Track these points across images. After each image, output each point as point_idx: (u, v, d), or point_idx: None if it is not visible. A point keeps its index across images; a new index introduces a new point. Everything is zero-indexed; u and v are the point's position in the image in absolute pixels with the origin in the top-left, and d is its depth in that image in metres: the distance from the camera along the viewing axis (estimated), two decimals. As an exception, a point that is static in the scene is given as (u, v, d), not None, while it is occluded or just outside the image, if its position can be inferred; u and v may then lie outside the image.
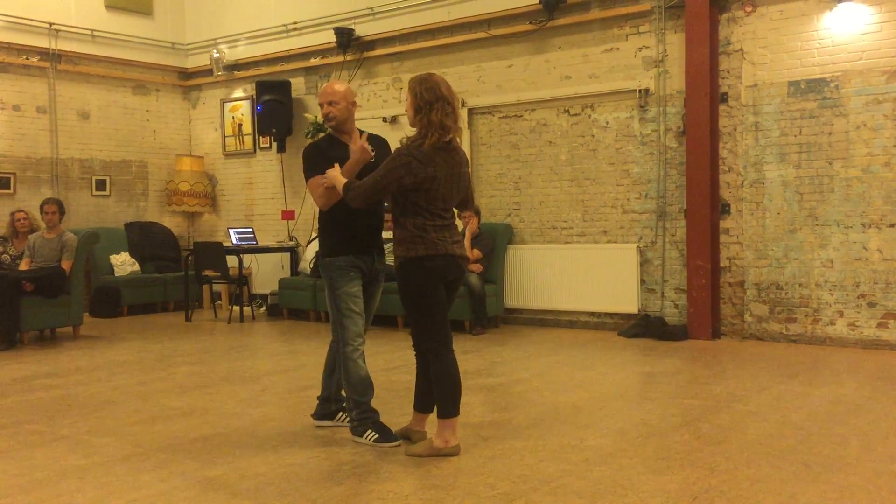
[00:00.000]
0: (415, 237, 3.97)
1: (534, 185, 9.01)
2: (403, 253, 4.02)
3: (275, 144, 11.10)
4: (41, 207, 8.52)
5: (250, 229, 10.68)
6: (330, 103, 4.40)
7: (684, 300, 7.96)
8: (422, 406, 4.29)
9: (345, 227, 4.33)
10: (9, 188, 10.27)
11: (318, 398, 4.75)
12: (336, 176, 4.15)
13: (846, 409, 4.95)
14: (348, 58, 10.31)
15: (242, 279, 10.08)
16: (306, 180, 4.41)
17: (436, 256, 3.97)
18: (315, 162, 4.36)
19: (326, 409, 4.70)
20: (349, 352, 4.32)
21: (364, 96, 10.27)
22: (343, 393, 4.51)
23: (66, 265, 8.26)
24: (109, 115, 11.36)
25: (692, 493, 3.49)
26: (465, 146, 9.20)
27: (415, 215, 3.99)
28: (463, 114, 9.26)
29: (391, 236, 4.14)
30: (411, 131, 4.10)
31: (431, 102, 3.94)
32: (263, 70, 11.26)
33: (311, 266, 9.78)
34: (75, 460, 4.13)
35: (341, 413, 4.66)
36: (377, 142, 4.51)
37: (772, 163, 7.56)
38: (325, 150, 4.39)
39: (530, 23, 8.86)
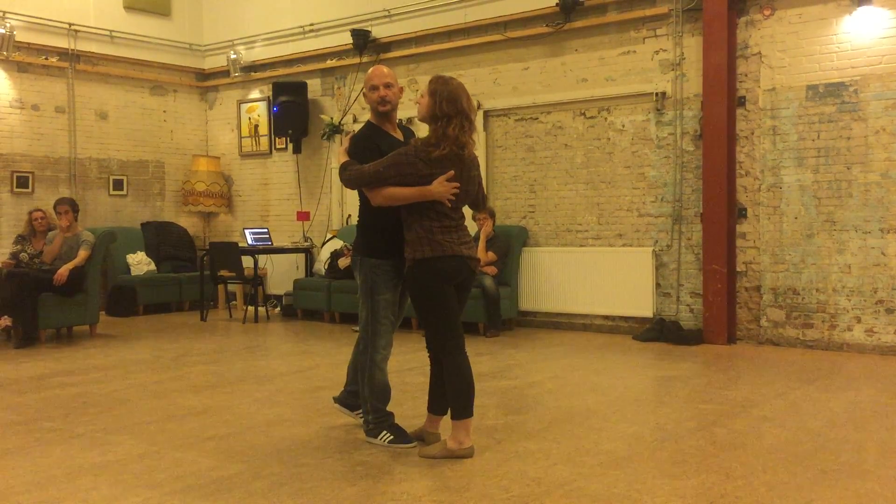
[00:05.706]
0: (421, 239, 3.98)
1: (549, 188, 8.99)
2: (411, 255, 4.03)
3: (290, 145, 11.13)
4: (54, 207, 8.48)
5: (265, 230, 10.72)
6: (387, 85, 4.18)
7: (700, 304, 7.91)
8: (436, 408, 4.30)
9: (394, 228, 4.11)
10: (27, 187, 10.36)
11: (345, 387, 4.68)
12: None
13: (864, 416, 4.92)
14: (364, 59, 10.33)
15: (257, 279, 10.12)
16: (360, 174, 4.00)
17: (443, 258, 3.98)
18: (366, 150, 4.08)
19: (352, 401, 4.61)
20: (378, 359, 4.28)
21: (380, 98, 10.28)
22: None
23: (83, 253, 8.24)
24: (127, 116, 11.44)
25: (708, 498, 3.47)
26: (481, 148, 9.20)
27: (421, 217, 3.99)
28: (479, 116, 9.27)
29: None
30: (425, 131, 4.10)
31: (451, 116, 3.93)
32: (280, 71, 11.30)
33: (326, 267, 9.80)
34: (91, 458, 4.15)
35: (360, 410, 4.57)
36: (408, 133, 4.41)
37: (789, 167, 7.51)
38: (374, 140, 4.15)
39: (547, 25, 8.84)
